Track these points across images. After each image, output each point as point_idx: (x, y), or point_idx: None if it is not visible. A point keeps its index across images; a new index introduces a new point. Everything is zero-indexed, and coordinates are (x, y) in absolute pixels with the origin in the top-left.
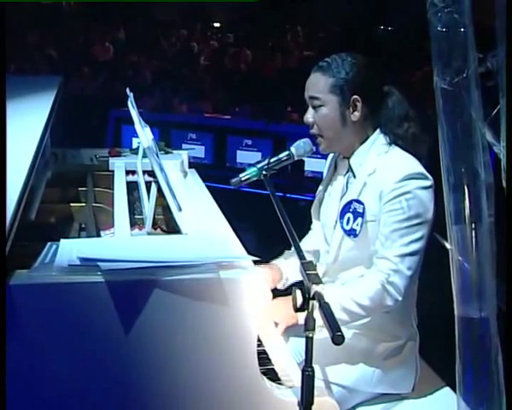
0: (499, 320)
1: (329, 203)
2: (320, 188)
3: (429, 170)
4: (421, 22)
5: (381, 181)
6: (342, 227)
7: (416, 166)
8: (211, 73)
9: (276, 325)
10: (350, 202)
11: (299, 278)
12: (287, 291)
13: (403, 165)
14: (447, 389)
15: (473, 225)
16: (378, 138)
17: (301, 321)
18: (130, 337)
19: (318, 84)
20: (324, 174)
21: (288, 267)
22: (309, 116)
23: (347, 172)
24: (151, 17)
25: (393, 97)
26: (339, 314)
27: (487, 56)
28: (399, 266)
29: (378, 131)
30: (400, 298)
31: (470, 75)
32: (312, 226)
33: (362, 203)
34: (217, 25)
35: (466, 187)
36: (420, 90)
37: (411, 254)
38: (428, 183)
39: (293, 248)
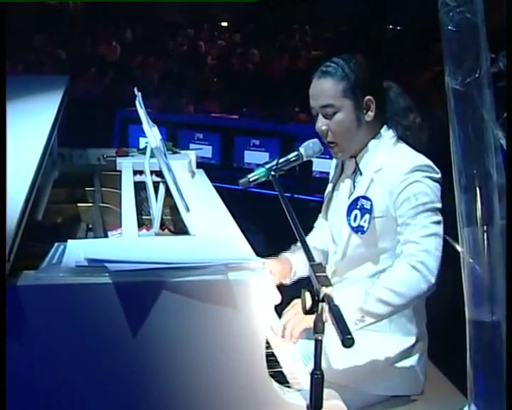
0: None
1: (337, 204)
2: (328, 189)
3: (441, 171)
4: (428, 22)
5: (389, 177)
6: (349, 224)
7: (423, 160)
8: (218, 72)
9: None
10: (357, 199)
11: (307, 272)
12: (294, 285)
13: (410, 158)
14: (458, 392)
15: (484, 228)
16: (386, 134)
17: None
18: (138, 339)
19: (329, 90)
20: (331, 175)
21: (296, 261)
22: (321, 125)
23: (354, 171)
24: (158, 17)
25: (394, 90)
26: (374, 307)
27: (499, 56)
28: (427, 245)
29: (385, 127)
30: (433, 279)
31: (482, 75)
32: (316, 225)
33: (369, 200)
34: (224, 24)
35: (478, 189)
36: (427, 90)
37: (435, 234)
38: (437, 175)
39: (299, 243)
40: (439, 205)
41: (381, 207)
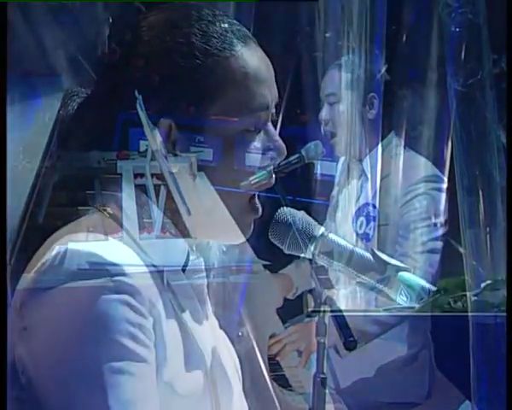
0: None
1: (343, 208)
2: (334, 193)
3: (443, 173)
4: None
5: (395, 184)
6: (355, 231)
7: (430, 169)
8: None
9: (299, 353)
10: (363, 206)
11: (310, 286)
12: (297, 300)
13: (417, 168)
14: (462, 397)
15: (487, 229)
16: (392, 141)
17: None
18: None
19: (334, 80)
20: (337, 178)
21: (298, 276)
22: (324, 113)
23: (361, 175)
24: None
25: (409, 100)
26: (368, 327)
27: (502, 57)
28: (420, 262)
29: (392, 133)
30: (426, 296)
31: (485, 76)
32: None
33: (375, 207)
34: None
35: (480, 190)
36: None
37: (430, 251)
38: (443, 185)
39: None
40: (444, 217)
41: (386, 215)
